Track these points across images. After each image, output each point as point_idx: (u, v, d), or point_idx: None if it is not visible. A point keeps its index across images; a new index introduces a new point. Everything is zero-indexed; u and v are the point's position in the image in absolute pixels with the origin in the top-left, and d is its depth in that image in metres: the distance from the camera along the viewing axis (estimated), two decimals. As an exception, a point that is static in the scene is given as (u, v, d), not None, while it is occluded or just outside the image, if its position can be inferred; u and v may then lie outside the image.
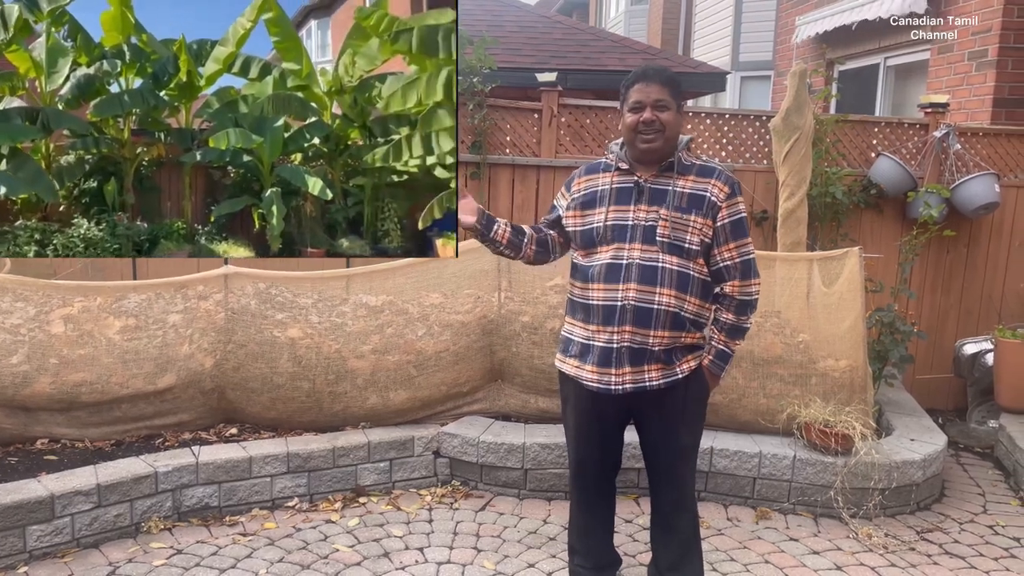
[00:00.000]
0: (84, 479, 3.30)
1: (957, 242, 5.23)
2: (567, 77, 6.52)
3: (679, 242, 2.60)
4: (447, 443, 3.96)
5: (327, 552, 3.33)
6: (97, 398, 3.73)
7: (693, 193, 2.63)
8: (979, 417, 5.05)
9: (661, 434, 2.77)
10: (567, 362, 2.77)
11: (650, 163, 2.67)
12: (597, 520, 2.98)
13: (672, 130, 2.62)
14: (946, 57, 6.54)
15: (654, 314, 2.58)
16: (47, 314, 3.67)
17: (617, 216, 2.64)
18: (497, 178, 4.93)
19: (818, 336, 3.98)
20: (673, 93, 2.64)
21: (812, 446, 3.82)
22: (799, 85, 4.73)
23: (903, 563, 3.41)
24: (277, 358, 3.89)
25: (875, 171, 5.04)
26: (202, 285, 3.87)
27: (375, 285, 4.01)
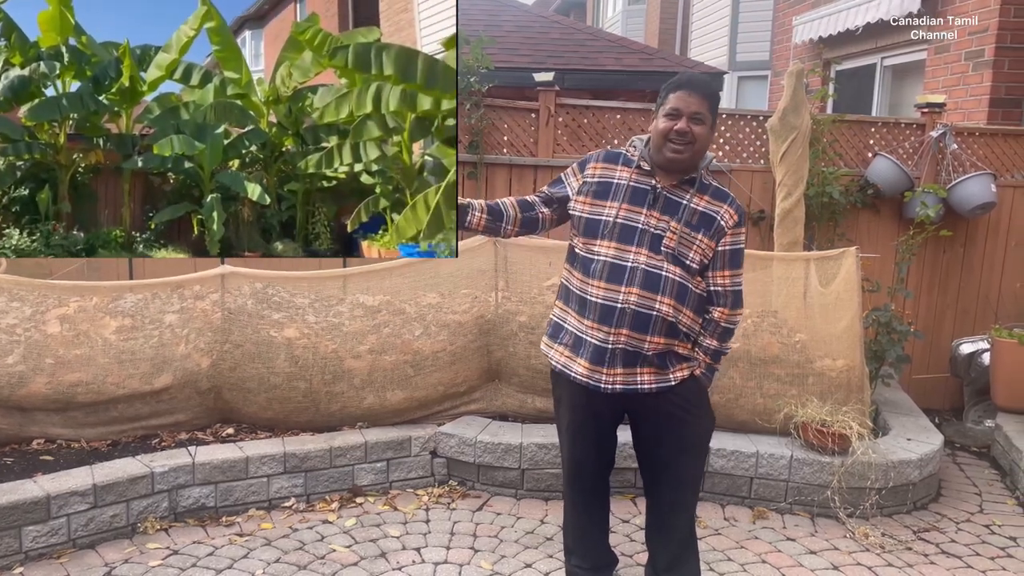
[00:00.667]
0: (80, 479, 3.30)
1: (954, 242, 5.24)
2: (564, 77, 6.51)
3: (682, 257, 2.60)
4: (444, 443, 3.95)
5: (324, 552, 3.33)
6: (93, 398, 3.72)
7: (705, 212, 2.62)
8: (975, 417, 5.05)
9: (656, 433, 2.77)
10: (555, 348, 2.76)
11: (672, 172, 2.64)
12: (593, 520, 2.98)
13: (702, 144, 2.59)
14: (943, 57, 6.55)
15: (652, 320, 2.58)
16: (43, 314, 3.66)
17: (628, 216, 2.62)
18: (494, 178, 4.93)
19: (815, 336, 3.98)
20: (712, 107, 2.60)
21: (809, 446, 3.82)
22: (796, 85, 4.73)
23: (900, 562, 3.41)
24: (274, 358, 3.89)
25: (872, 171, 5.05)
26: (199, 285, 3.87)
27: (372, 285, 4.01)
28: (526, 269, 4.07)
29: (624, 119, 5.04)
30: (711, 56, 11.96)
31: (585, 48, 7.83)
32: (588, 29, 9.65)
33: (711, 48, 12.27)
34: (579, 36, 8.29)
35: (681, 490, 2.83)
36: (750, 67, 11.32)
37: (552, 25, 8.70)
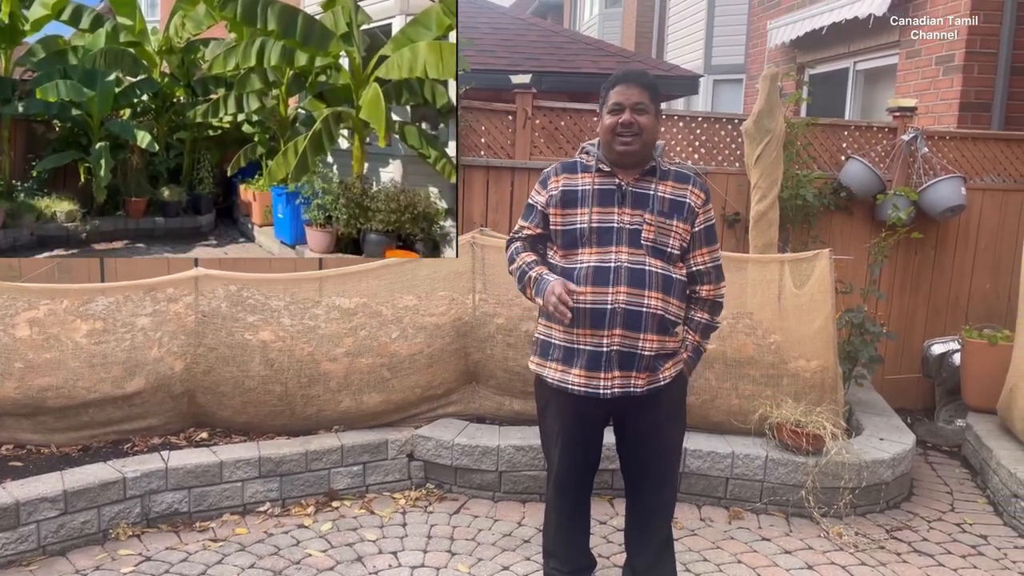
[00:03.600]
0: (50, 485, 3.24)
1: (925, 244, 5.31)
2: (541, 79, 6.52)
3: (662, 246, 2.64)
4: (421, 446, 3.94)
5: (299, 557, 3.30)
6: (64, 403, 3.66)
7: (674, 199, 2.68)
8: (947, 416, 5.12)
9: (642, 433, 2.78)
10: (548, 366, 2.74)
11: (630, 166, 2.69)
12: (576, 525, 2.97)
13: (649, 134, 2.65)
14: (914, 62, 6.65)
15: (643, 317, 2.60)
16: (12, 317, 3.60)
17: (601, 218, 2.64)
18: (471, 180, 4.92)
19: (789, 337, 4.02)
20: (652, 97, 2.67)
21: (784, 446, 3.85)
22: (770, 88, 4.77)
23: (873, 561, 3.45)
24: (249, 361, 3.85)
25: (845, 174, 5.11)
26: (172, 287, 3.82)
27: (348, 287, 3.99)
28: (503, 271, 4.04)
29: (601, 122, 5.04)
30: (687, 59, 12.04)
31: (562, 51, 7.85)
32: (565, 32, 9.67)
33: (687, 51, 12.35)
34: (556, 39, 8.31)
35: (664, 491, 2.85)
36: (725, 70, 11.40)
37: (529, 27, 8.71)
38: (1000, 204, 5.38)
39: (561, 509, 2.94)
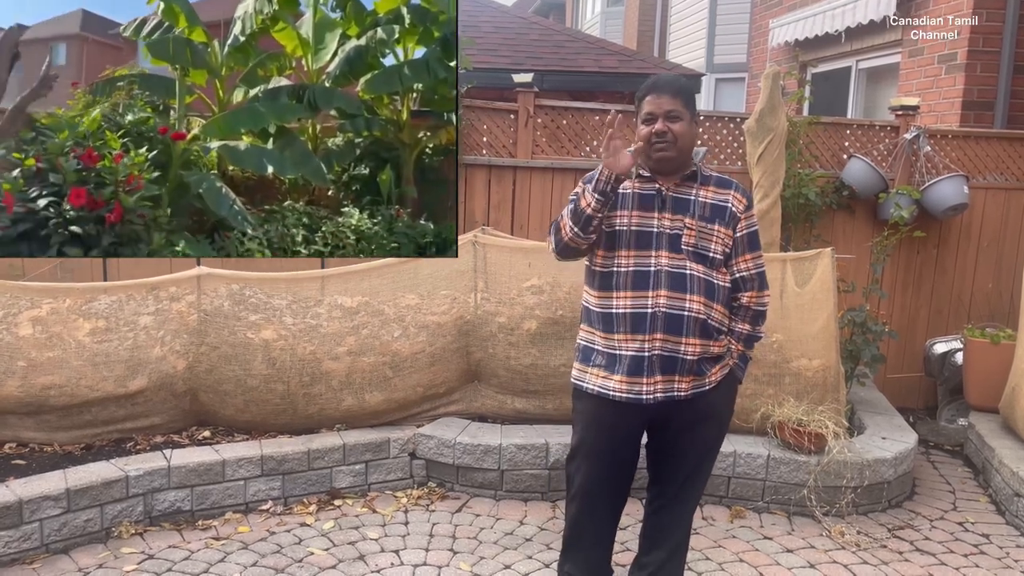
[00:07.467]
0: (53, 484, 3.25)
1: (927, 243, 5.31)
2: (543, 78, 6.52)
3: (704, 251, 2.60)
4: (423, 444, 3.94)
5: (302, 556, 3.30)
6: (66, 401, 3.67)
7: (715, 204, 2.63)
8: (949, 415, 5.12)
9: (680, 440, 2.72)
10: (589, 371, 2.67)
11: (669, 172, 2.64)
12: (605, 534, 2.88)
13: (685, 140, 2.59)
14: (916, 60, 6.64)
15: (684, 321, 2.55)
16: (15, 316, 3.61)
17: (641, 222, 2.61)
18: (473, 179, 4.92)
19: (791, 336, 4.02)
20: (685, 102, 2.60)
21: (786, 445, 3.85)
22: (772, 87, 4.77)
23: (875, 560, 3.45)
24: (251, 360, 3.85)
25: (847, 173, 5.10)
26: (174, 286, 3.83)
27: (350, 286, 3.99)
28: (505, 270, 4.07)
29: (603, 120, 5.04)
30: (689, 58, 12.04)
31: (564, 49, 7.85)
32: (567, 31, 9.67)
33: (689, 50, 12.35)
34: (558, 37, 8.31)
35: (693, 498, 2.82)
36: (727, 69, 11.40)
37: (531, 26, 8.71)
38: (1003, 203, 5.38)
39: (590, 516, 2.80)
